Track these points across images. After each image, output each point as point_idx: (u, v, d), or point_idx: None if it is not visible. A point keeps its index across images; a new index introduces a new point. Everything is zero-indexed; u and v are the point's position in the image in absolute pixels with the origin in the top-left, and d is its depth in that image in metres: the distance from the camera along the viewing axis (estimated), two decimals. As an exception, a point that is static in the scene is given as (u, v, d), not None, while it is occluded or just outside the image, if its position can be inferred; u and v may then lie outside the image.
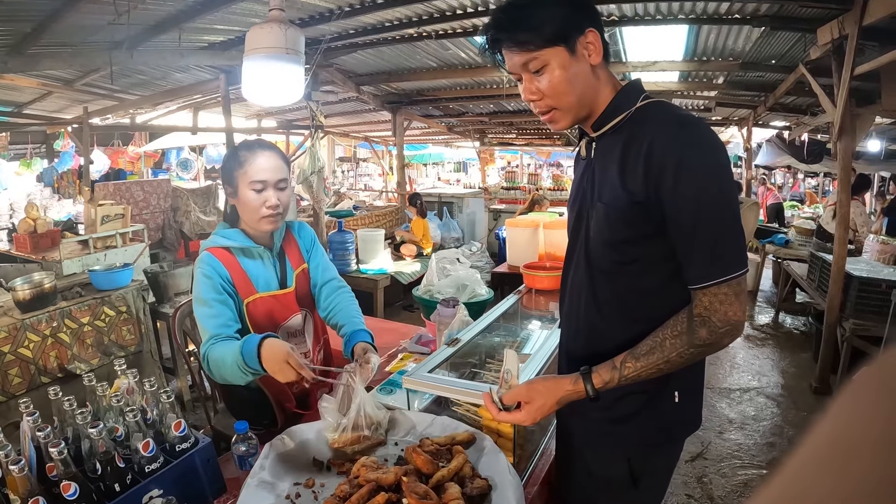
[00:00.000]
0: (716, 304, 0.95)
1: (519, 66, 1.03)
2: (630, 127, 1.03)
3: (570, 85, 1.01)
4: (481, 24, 3.74)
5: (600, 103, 1.06)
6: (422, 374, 1.33)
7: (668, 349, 0.99)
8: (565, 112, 1.05)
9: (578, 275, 1.16)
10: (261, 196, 1.51)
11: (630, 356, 1.02)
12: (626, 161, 1.00)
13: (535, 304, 2.29)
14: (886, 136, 7.21)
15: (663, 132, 0.97)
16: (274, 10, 2.27)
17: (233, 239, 1.56)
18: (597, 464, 1.19)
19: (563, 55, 0.99)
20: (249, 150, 1.53)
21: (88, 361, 3.09)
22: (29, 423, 1.16)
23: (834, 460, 0.19)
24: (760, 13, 3.36)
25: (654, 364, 1.00)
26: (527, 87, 1.05)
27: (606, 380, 1.02)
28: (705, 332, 0.96)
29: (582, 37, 0.99)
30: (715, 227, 0.95)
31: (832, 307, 3.71)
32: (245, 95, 2.47)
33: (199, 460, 1.21)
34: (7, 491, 1.07)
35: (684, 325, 0.98)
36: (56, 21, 2.90)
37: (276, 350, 1.26)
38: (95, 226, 4.15)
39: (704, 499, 2.64)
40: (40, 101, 5.67)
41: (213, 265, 1.52)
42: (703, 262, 0.96)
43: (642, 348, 1.01)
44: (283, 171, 1.56)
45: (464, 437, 1.18)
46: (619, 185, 1.01)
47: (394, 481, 0.97)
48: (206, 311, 1.47)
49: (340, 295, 1.75)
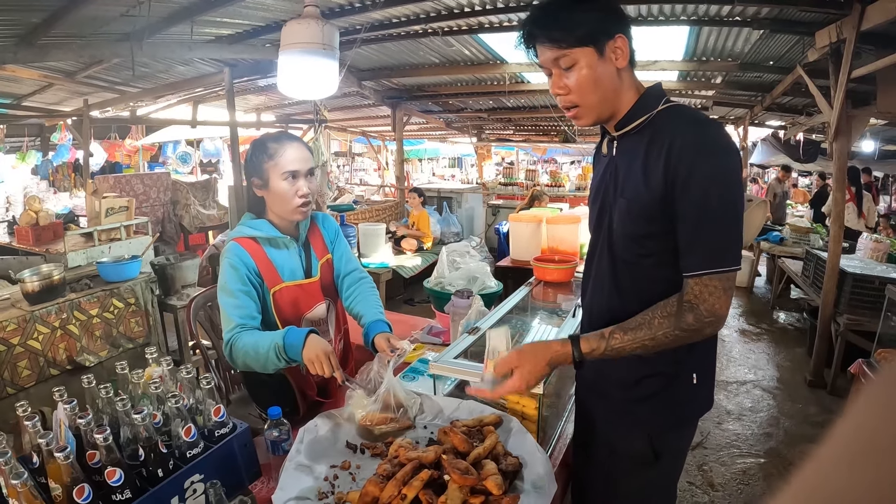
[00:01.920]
0: (705, 294, 1.03)
1: (550, 61, 1.10)
2: (652, 128, 1.10)
3: (595, 84, 1.08)
4: (487, 22, 3.78)
5: (623, 105, 1.13)
6: (448, 360, 1.39)
7: (656, 328, 1.06)
8: (588, 110, 1.12)
9: (602, 265, 1.23)
10: (293, 186, 1.54)
11: (619, 329, 1.09)
12: (649, 160, 1.07)
13: (544, 296, 2.36)
14: (880, 136, 7.35)
15: (683, 134, 1.04)
16: (309, 5, 2.31)
17: (260, 229, 1.59)
18: (619, 442, 1.25)
19: (592, 56, 1.06)
20: (278, 141, 1.56)
21: (97, 353, 3.10)
22: (66, 411, 1.15)
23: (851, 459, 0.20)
24: (761, 16, 3.43)
25: (640, 339, 1.07)
26: (555, 82, 1.12)
27: (594, 346, 1.10)
28: (691, 318, 1.04)
29: (611, 41, 1.07)
30: (716, 224, 1.03)
31: (827, 303, 3.81)
32: (280, 88, 2.52)
33: (237, 445, 1.24)
34: (47, 480, 1.03)
35: (673, 308, 1.06)
36: (68, 11, 2.91)
37: (320, 344, 1.34)
38: (100, 218, 4.16)
39: (705, 485, 2.73)
40: (40, 94, 5.63)
41: (240, 256, 1.54)
42: (700, 253, 1.04)
43: (631, 323, 1.09)
44: (311, 161, 1.60)
45: (492, 419, 1.24)
46: (642, 183, 1.08)
47: (434, 459, 1.02)
48: (232, 302, 1.50)
49: (362, 285, 1.79)
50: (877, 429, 0.20)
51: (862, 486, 0.19)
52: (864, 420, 0.21)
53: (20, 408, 1.15)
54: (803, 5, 3.10)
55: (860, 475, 0.19)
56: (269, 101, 7.09)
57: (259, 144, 1.59)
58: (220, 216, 7.15)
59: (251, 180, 1.62)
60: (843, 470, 0.20)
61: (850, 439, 0.21)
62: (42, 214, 4.57)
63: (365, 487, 1.00)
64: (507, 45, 4.43)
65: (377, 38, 4.05)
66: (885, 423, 0.20)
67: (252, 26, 3.82)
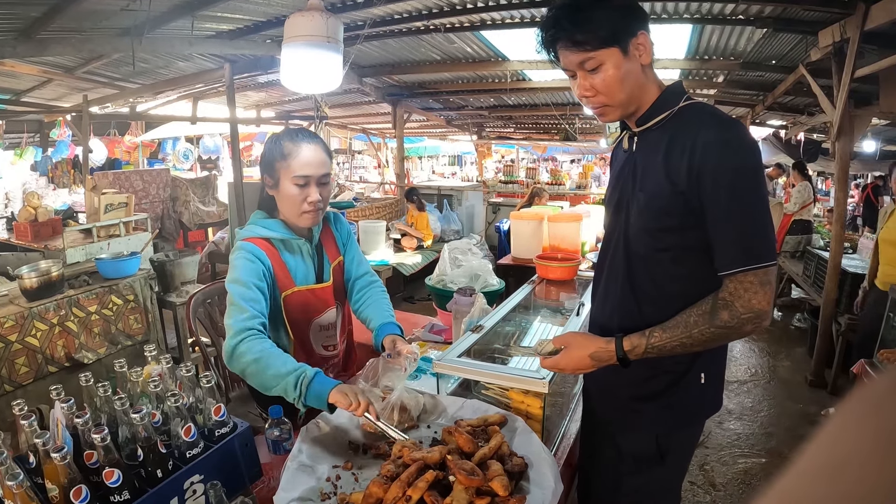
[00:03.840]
0: (740, 290, 1.02)
1: (575, 64, 1.09)
2: (674, 125, 1.10)
3: (623, 83, 1.08)
4: (489, 19, 3.76)
5: (647, 100, 1.13)
6: (452, 359, 1.37)
7: (692, 325, 1.06)
8: (616, 108, 1.13)
9: (616, 260, 1.23)
10: (303, 192, 1.46)
11: (659, 327, 1.10)
12: (671, 155, 1.07)
13: (546, 293, 2.35)
14: (882, 136, 7.35)
15: (707, 132, 1.04)
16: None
17: (274, 230, 1.53)
18: (625, 441, 1.25)
19: (617, 55, 1.06)
20: (293, 140, 1.47)
21: (95, 350, 3.09)
22: (64, 410, 1.12)
23: (827, 471, 0.21)
24: (764, 15, 3.41)
25: (677, 337, 1.07)
26: (581, 84, 1.11)
27: (635, 344, 1.10)
28: (727, 315, 1.03)
29: (634, 38, 1.06)
30: (747, 220, 1.02)
31: (828, 303, 3.80)
32: (283, 82, 2.47)
33: (238, 445, 1.21)
34: (43, 480, 1.01)
35: (708, 306, 1.06)
36: (68, 5, 2.88)
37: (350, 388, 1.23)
38: (98, 214, 4.13)
39: (706, 485, 2.73)
40: (39, 89, 5.60)
41: (256, 254, 1.47)
42: (734, 251, 1.03)
43: (670, 322, 1.09)
44: (326, 165, 1.50)
45: (496, 419, 1.22)
46: (663, 177, 1.08)
47: (439, 459, 1.01)
48: (245, 293, 1.40)
49: (373, 289, 1.75)
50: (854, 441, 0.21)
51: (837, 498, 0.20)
52: (842, 433, 0.22)
53: (16, 406, 1.12)
54: (807, 4, 3.09)
55: (838, 486, 0.20)
56: (268, 97, 7.07)
57: (275, 140, 1.50)
58: (219, 213, 7.13)
59: (262, 177, 1.54)
60: (822, 482, 0.21)
61: (830, 451, 0.22)
62: (41, 210, 4.53)
63: (368, 489, 0.99)
64: (509, 43, 4.42)
65: (379, 34, 4.03)
66: (862, 437, 0.21)
67: (253, 21, 3.80)
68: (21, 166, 8.33)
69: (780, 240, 5.96)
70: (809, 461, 0.22)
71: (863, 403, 0.23)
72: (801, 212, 5.99)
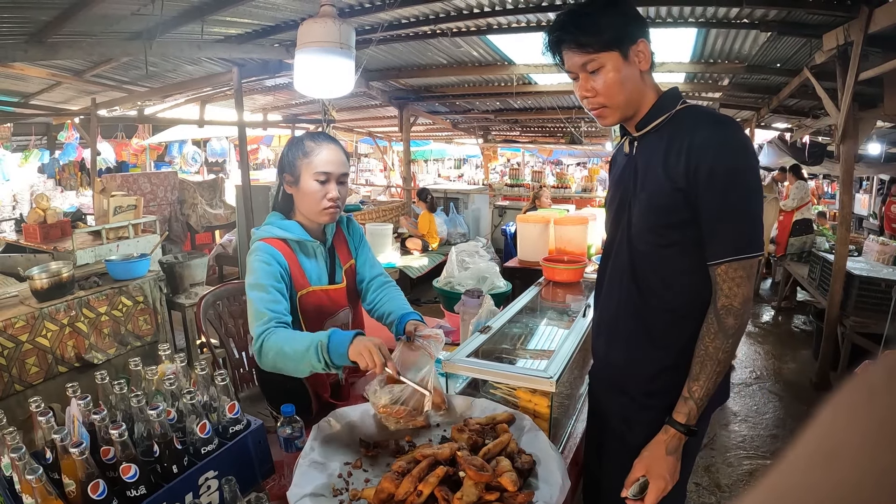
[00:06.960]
0: (734, 287, 1.09)
1: (578, 65, 1.15)
2: (671, 127, 1.15)
3: (622, 86, 1.13)
4: (496, 23, 3.79)
5: (645, 105, 1.19)
6: (461, 359, 1.39)
7: (713, 353, 1.10)
8: (614, 110, 1.17)
9: (619, 259, 1.27)
10: (323, 188, 1.52)
11: (690, 381, 1.14)
12: (669, 155, 1.12)
13: (553, 296, 2.37)
14: (887, 139, 7.33)
15: (702, 132, 1.09)
16: (325, 4, 2.32)
17: (291, 231, 1.56)
18: (634, 436, 1.26)
19: (618, 59, 1.12)
20: (315, 141, 1.55)
21: (105, 351, 3.11)
22: (80, 407, 1.14)
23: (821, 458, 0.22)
24: (768, 18, 3.42)
25: (711, 373, 1.11)
26: (582, 86, 1.17)
27: (686, 412, 1.14)
28: (732, 320, 1.09)
29: (634, 45, 1.12)
30: (738, 214, 1.08)
31: (833, 305, 3.80)
32: (297, 87, 2.53)
33: (252, 442, 1.24)
34: (60, 475, 1.02)
35: (714, 325, 1.10)
36: (79, 9, 2.91)
37: (369, 339, 1.28)
38: (108, 216, 4.18)
39: (712, 486, 2.74)
40: (48, 92, 5.66)
41: (272, 254, 1.50)
42: (724, 242, 1.09)
43: (694, 369, 1.13)
44: (345, 165, 1.57)
45: (504, 417, 1.24)
46: (663, 175, 1.13)
47: (449, 455, 1.03)
48: (265, 297, 1.44)
49: (388, 288, 1.77)
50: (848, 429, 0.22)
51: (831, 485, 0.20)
52: (837, 421, 0.23)
53: (33, 403, 1.14)
54: (811, 8, 3.10)
55: (832, 473, 0.21)
56: (276, 101, 7.12)
57: (297, 141, 1.58)
58: (226, 215, 7.18)
59: (283, 176, 1.59)
60: (816, 468, 0.22)
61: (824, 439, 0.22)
62: (50, 212, 4.58)
63: (381, 484, 1.01)
64: (515, 47, 4.44)
65: (386, 38, 4.06)
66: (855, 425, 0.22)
67: (262, 26, 3.84)
68: (28, 169, 8.41)
69: (784, 242, 5.99)
70: (804, 448, 0.23)
71: (856, 393, 0.24)
72: (800, 210, 6.10)
